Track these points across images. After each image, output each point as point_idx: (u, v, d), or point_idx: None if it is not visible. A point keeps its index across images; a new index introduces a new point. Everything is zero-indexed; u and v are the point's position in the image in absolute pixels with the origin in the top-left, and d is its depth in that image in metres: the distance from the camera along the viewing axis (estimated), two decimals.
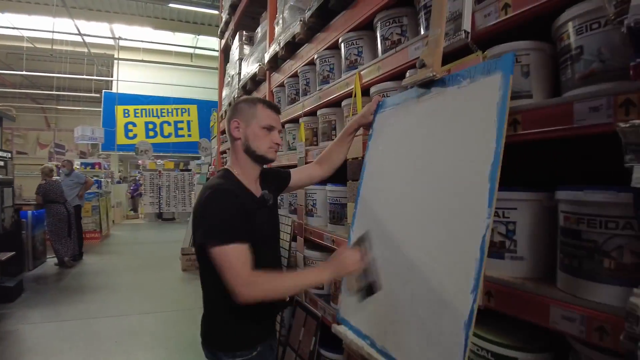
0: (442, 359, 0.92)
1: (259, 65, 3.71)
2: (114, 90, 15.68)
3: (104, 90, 15.87)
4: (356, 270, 1.25)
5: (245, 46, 4.61)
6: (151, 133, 15.57)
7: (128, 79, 15.55)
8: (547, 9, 1.08)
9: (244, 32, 4.65)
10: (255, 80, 3.94)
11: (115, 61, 15.51)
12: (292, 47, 2.88)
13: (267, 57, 3.37)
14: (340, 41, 2.16)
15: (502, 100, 0.94)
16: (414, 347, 1.01)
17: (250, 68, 4.06)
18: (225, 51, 6.11)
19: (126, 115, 15.48)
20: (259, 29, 4.16)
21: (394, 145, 1.31)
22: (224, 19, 5.78)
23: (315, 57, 2.48)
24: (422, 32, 1.59)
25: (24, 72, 13.52)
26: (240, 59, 4.61)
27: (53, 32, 12.10)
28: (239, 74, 4.61)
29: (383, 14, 1.81)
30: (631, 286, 0.90)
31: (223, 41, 6.12)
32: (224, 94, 6.10)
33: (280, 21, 3.06)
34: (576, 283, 0.99)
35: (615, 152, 1.17)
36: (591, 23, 0.99)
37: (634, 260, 0.90)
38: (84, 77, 14.43)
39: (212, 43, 14.88)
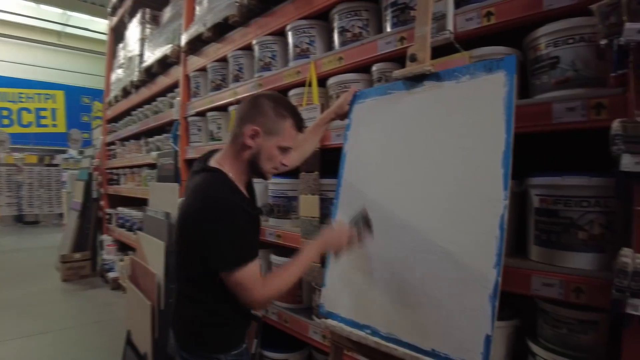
0: (469, 333, 1.00)
1: (172, 46, 3.43)
2: None
3: None
4: (348, 248, 1.29)
5: (148, 26, 4.20)
6: (6, 121, 12.98)
7: None
8: (527, 21, 1.25)
9: (147, 10, 4.24)
10: (165, 63, 3.63)
11: None
12: (220, 30, 2.73)
13: (185, 39, 3.13)
14: (288, 28, 2.13)
15: (508, 96, 1.06)
16: (433, 328, 1.07)
17: (158, 50, 3.73)
18: (117, 30, 5.48)
19: None
20: (168, 8, 3.84)
21: (384, 134, 1.35)
22: None
23: (253, 43, 2.40)
24: (389, 29, 1.67)
25: None
26: (142, 39, 4.20)
27: None
28: (141, 55, 4.19)
29: (343, 5, 1.84)
30: (599, 252, 1.11)
31: (115, 19, 5.48)
32: (113, 77, 5.49)
33: (205, 1, 2.88)
34: (553, 254, 1.17)
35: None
36: (567, 38, 1.18)
37: (601, 231, 1.10)
38: None
39: (85, 22, 13.07)
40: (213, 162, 1.30)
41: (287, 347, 2.21)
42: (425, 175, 1.20)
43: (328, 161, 1.83)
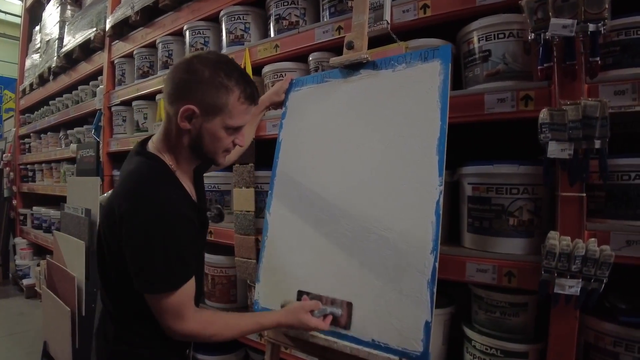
0: (408, 321, 0.99)
1: (95, 30, 3.16)
2: None
3: None
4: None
5: (69, 7, 3.85)
6: None
7: None
8: (461, 15, 1.28)
9: None
10: (88, 48, 3.34)
11: None
12: (150, 14, 2.56)
13: (110, 22, 2.90)
14: (222, 14, 2.03)
15: (443, 84, 1.07)
16: (372, 317, 1.05)
17: (80, 33, 3.41)
18: (33, 11, 4.97)
19: None
20: None
21: (321, 122, 1.31)
22: None
23: (185, 28, 2.27)
24: (327, 18, 1.64)
25: None
26: (63, 22, 3.83)
27: None
28: (60, 39, 3.82)
29: None
30: (528, 237, 1.15)
31: None
32: (28, 63, 4.96)
33: None
34: (485, 240, 1.21)
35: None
36: (498, 33, 1.22)
37: (529, 216, 1.15)
38: None
39: None
40: (151, 147, 1.08)
41: (221, 349, 2.11)
42: (362, 163, 1.18)
43: (264, 153, 1.77)
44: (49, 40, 4.10)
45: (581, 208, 1.02)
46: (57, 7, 3.94)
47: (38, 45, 4.55)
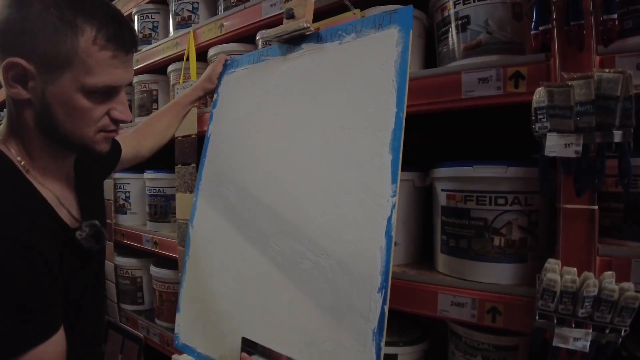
0: None
1: None
2: None
3: None
4: None
5: None
6: None
7: None
8: None
9: None
10: None
11: None
12: None
13: None
14: None
15: (401, 58, 0.79)
16: None
17: None
18: None
19: None
20: None
21: (253, 112, 1.04)
22: None
23: (133, 12, 2.00)
24: None
25: None
26: None
27: None
28: None
29: None
30: (519, 262, 0.87)
31: None
32: None
33: None
34: (463, 265, 0.92)
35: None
36: None
37: (521, 235, 0.86)
38: None
39: None
40: None
41: None
42: (298, 164, 0.90)
43: None
44: None
45: (591, 226, 0.73)
46: None
47: None
